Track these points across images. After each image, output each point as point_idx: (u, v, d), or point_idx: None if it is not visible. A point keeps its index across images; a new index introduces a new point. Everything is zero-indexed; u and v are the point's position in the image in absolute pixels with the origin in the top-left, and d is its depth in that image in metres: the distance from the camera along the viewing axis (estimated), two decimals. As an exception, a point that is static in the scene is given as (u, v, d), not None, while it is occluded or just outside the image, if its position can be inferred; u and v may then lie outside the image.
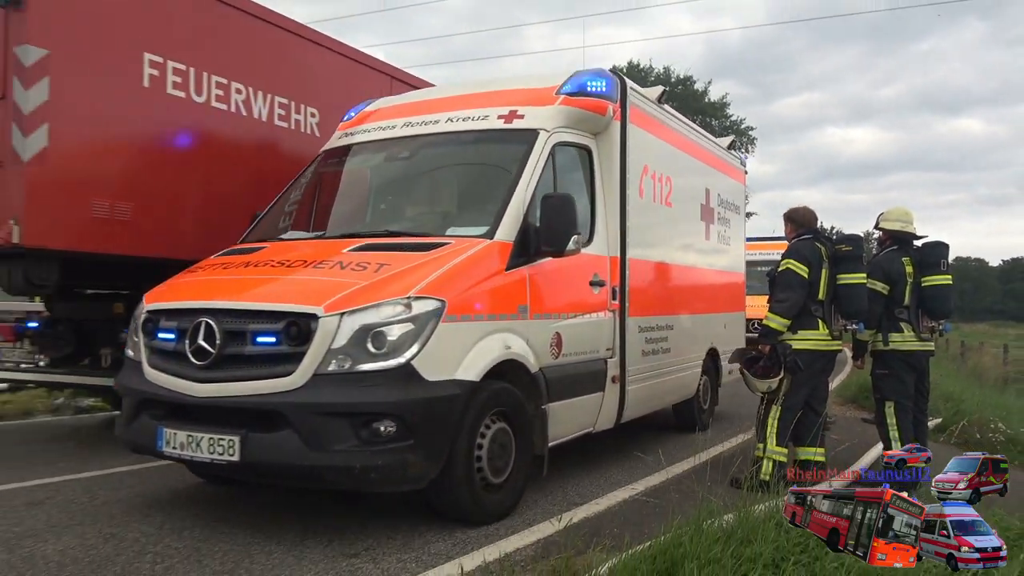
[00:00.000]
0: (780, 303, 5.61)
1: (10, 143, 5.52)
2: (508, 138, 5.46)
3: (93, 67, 5.89)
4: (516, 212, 4.85)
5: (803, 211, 6.04)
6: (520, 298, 4.77)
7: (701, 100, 51.27)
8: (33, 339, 7.45)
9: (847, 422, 8.69)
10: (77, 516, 4.54)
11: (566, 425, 5.23)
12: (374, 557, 3.88)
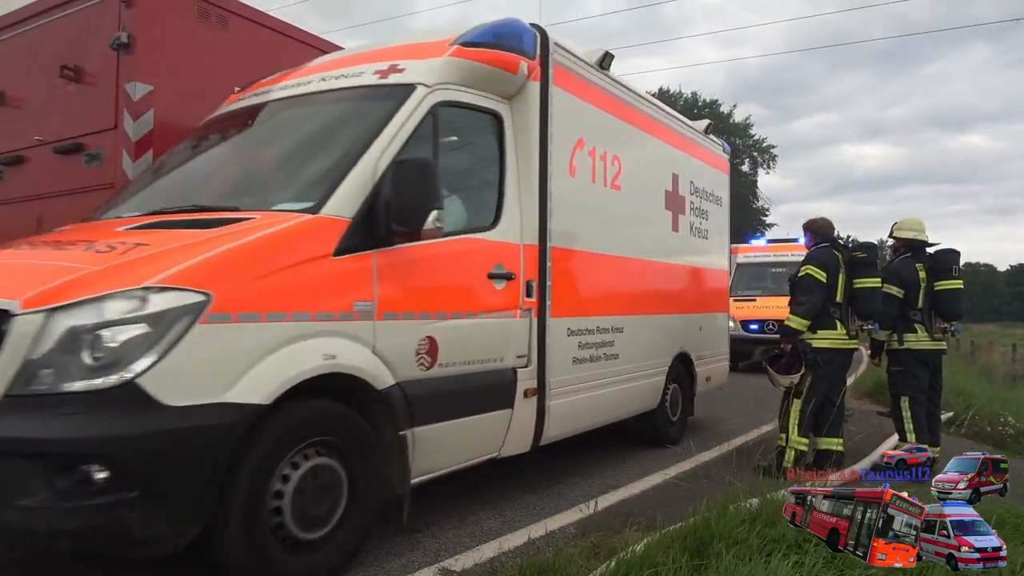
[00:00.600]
0: (800, 305, 5.56)
1: (120, 167, 5.71)
2: (377, 95, 3.98)
3: (191, 101, 6.06)
4: (361, 182, 3.42)
5: (821, 222, 5.99)
6: (359, 292, 3.31)
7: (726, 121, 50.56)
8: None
9: (864, 415, 8.45)
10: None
11: (448, 453, 3.87)
12: (433, 533, 3.90)
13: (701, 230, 7.47)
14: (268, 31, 6.81)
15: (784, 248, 15.51)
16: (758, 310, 14.08)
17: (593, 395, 5.15)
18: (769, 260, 15.42)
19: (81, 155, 6.01)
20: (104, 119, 5.80)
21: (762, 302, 14.21)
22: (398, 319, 3.50)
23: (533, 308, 4.46)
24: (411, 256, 3.57)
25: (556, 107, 4.67)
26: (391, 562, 3.48)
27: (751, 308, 14.22)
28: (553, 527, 4.04)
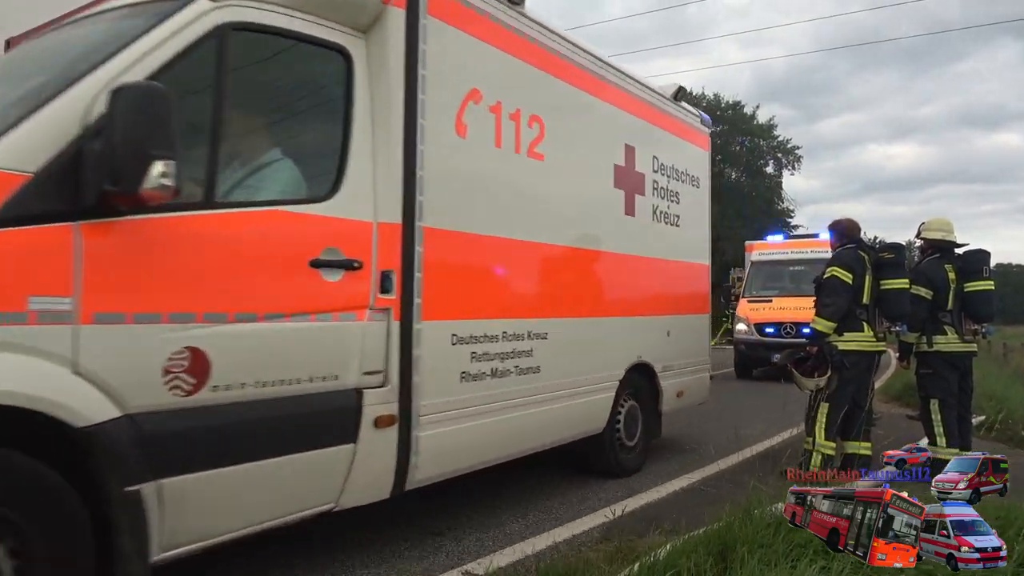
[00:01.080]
0: (826, 307, 5.48)
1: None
2: (138, 13, 2.92)
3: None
4: (58, 120, 2.38)
5: (846, 222, 5.90)
6: (44, 283, 2.26)
7: (750, 123, 50.16)
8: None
9: (892, 419, 8.32)
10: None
11: (233, 512, 2.76)
12: (456, 536, 3.91)
13: (669, 215, 6.23)
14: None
15: (804, 244, 14.31)
16: (774, 312, 13.02)
17: (496, 420, 4.03)
18: (787, 257, 14.23)
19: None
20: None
21: (779, 303, 13.16)
22: (125, 323, 2.43)
23: (392, 308, 3.35)
24: (158, 233, 2.53)
25: (434, 45, 3.62)
26: (413, 565, 3.50)
27: (767, 310, 13.20)
28: (576, 531, 4.03)
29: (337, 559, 3.57)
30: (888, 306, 5.53)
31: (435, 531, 3.97)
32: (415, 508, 4.39)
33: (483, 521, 4.17)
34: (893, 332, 5.77)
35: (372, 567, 3.47)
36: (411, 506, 4.42)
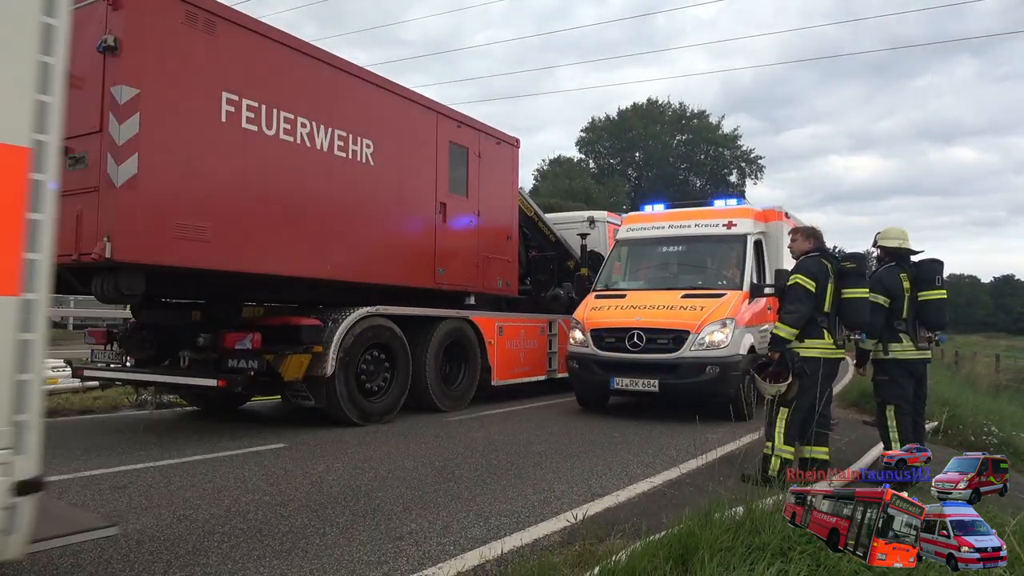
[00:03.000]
0: (789, 314, 5.56)
1: (105, 170, 5.66)
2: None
3: (178, 104, 6.02)
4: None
5: (813, 229, 5.98)
6: None
7: (715, 132, 50.86)
8: (121, 342, 7.61)
9: (849, 424, 8.48)
10: (155, 499, 4.59)
11: None
12: (417, 540, 3.86)
13: None
14: (258, 36, 6.78)
15: (688, 216, 10.31)
16: (623, 313, 8.94)
17: None
18: (663, 234, 10.12)
19: (65, 158, 5.94)
20: (89, 122, 5.76)
21: (636, 299, 9.19)
22: None
23: None
24: None
25: None
26: (373, 570, 3.44)
27: (614, 310, 9.08)
28: (538, 535, 4.00)
29: (295, 564, 3.49)
30: (848, 315, 5.60)
31: (396, 535, 3.92)
32: (375, 511, 4.33)
33: (445, 525, 4.12)
34: (852, 340, 5.85)
35: (331, 572, 3.40)
36: (371, 509, 4.36)
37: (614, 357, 8.68)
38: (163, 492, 4.77)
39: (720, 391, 8.21)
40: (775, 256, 9.69)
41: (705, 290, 9.11)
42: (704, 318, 8.39)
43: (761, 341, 8.51)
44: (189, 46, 6.12)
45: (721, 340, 8.32)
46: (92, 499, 4.54)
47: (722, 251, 9.69)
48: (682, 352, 8.32)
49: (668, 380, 8.31)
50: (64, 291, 8.53)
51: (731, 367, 8.25)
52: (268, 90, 6.77)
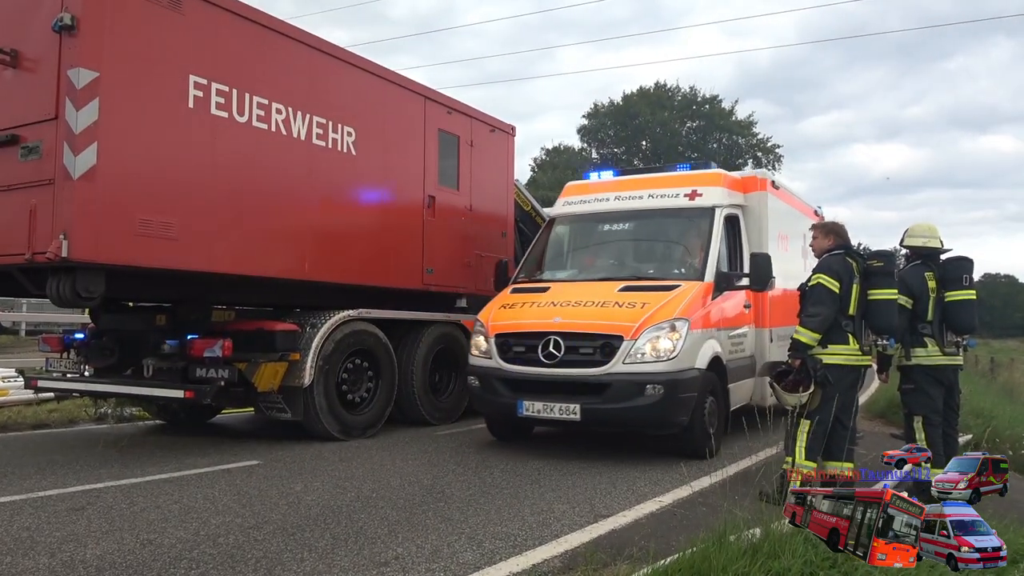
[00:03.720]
0: (811, 318, 5.50)
1: (61, 161, 5.64)
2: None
3: (141, 89, 6.01)
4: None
5: (836, 225, 5.93)
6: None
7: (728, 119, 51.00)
8: (79, 350, 7.58)
9: (876, 437, 8.50)
10: (116, 522, 4.58)
11: None
12: (403, 566, 3.85)
13: None
14: (228, 14, 6.77)
15: (642, 184, 8.50)
16: (541, 312, 7.16)
17: None
18: (606, 208, 8.31)
19: (18, 148, 5.93)
20: (44, 108, 5.75)
21: (561, 294, 7.41)
22: None
23: None
24: None
25: None
26: (356, 599, 3.44)
27: (531, 308, 7.30)
28: (536, 560, 4.00)
29: (269, 592, 3.49)
30: (875, 318, 5.56)
31: (380, 560, 3.91)
32: (358, 534, 4.32)
33: (434, 549, 4.12)
34: (879, 345, 5.81)
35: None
36: (354, 532, 4.36)
37: (523, 373, 6.83)
38: (125, 514, 4.76)
39: (666, 419, 6.57)
40: (757, 237, 8.30)
41: (653, 280, 7.38)
42: (644, 319, 6.59)
43: (734, 348, 7.63)
44: (153, 25, 6.11)
45: (667, 349, 6.54)
46: (47, 522, 4.52)
47: (681, 229, 8.10)
48: (612, 366, 6.51)
49: (593, 405, 6.50)
50: (15, 294, 8.50)
51: (682, 386, 6.49)
52: (240, 73, 6.76)
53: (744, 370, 7.88)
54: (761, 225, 8.39)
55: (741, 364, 7.81)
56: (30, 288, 6.49)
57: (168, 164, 6.21)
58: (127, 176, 5.91)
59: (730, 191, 8.21)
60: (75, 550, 4.01)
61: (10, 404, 9.22)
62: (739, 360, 7.76)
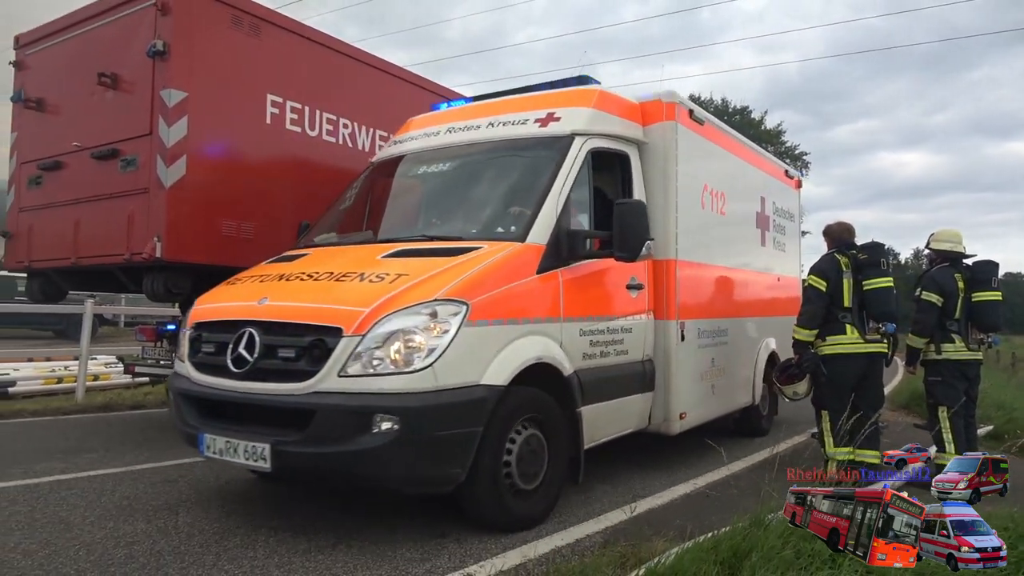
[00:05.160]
0: (800, 316, 5.65)
1: (155, 172, 5.81)
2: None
3: (224, 107, 6.14)
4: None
5: (835, 227, 5.95)
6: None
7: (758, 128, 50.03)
8: (170, 339, 7.80)
9: (900, 427, 8.23)
10: (204, 493, 4.69)
11: None
12: (459, 538, 3.86)
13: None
14: (301, 39, 6.88)
15: (487, 111, 5.57)
16: (249, 291, 4.32)
17: None
18: (433, 145, 5.50)
19: (117, 160, 6.12)
20: (139, 125, 5.92)
21: (308, 264, 4.56)
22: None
23: None
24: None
25: None
26: (416, 567, 3.46)
27: (244, 286, 4.49)
28: (579, 535, 3.98)
29: (339, 560, 3.53)
30: (872, 305, 5.55)
31: (438, 532, 3.93)
32: (417, 510, 4.35)
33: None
34: (881, 332, 5.70)
35: (374, 568, 3.42)
36: (413, 508, 4.38)
37: (207, 387, 4.08)
38: (212, 486, 4.87)
39: (413, 474, 3.65)
40: (661, 188, 5.48)
41: (448, 242, 4.46)
42: (382, 300, 3.70)
43: (601, 349, 4.79)
44: (235, 49, 6.24)
45: (418, 349, 3.62)
46: (144, 491, 4.66)
47: (518, 167, 5.06)
48: (321, 379, 3.62)
49: (290, 447, 3.61)
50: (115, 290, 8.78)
51: (441, 417, 3.58)
52: (311, 92, 6.86)
53: (623, 382, 5.01)
54: (667, 170, 5.50)
55: (615, 374, 4.89)
56: (128, 285, 6.71)
57: (247, 174, 6.33)
58: (212, 185, 6.05)
59: (607, 115, 5.23)
60: (168, 517, 4.13)
61: (112, 387, 9.55)
62: (611, 367, 4.85)
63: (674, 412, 5.44)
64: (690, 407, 5.66)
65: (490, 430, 3.78)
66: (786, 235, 8.52)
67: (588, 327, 4.69)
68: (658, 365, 5.40)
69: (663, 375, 5.41)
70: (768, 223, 7.93)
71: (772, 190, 8.11)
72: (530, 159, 5.00)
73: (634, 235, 4.55)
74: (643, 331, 5.28)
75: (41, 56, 6.92)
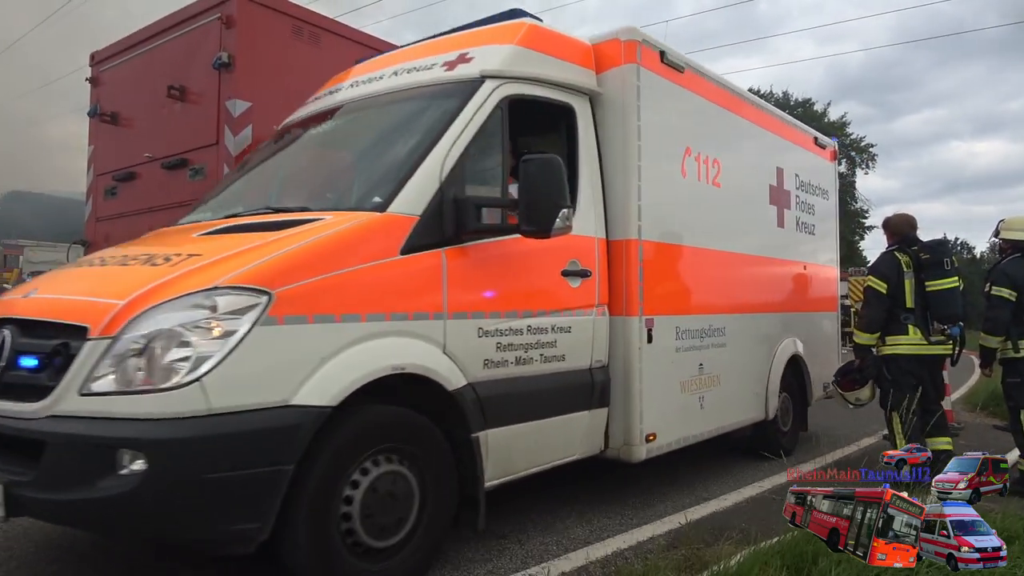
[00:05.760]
0: (861, 319, 5.55)
1: (222, 180, 6.01)
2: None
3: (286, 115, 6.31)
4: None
5: (896, 219, 5.77)
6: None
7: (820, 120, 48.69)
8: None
9: (978, 429, 7.90)
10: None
11: None
12: (520, 539, 3.88)
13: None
14: (359, 46, 7.02)
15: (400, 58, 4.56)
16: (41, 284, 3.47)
17: None
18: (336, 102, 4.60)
19: (186, 170, 6.37)
20: (207, 136, 6.15)
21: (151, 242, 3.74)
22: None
23: None
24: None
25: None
26: (477, 567, 3.49)
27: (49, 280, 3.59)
28: (642, 537, 3.95)
29: (402, 558, 3.58)
30: (936, 308, 5.36)
31: (499, 534, 3.95)
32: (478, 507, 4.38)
33: (547, 525, 4.13)
34: (945, 334, 5.46)
35: (435, 568, 3.47)
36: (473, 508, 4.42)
37: None
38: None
39: (180, 531, 2.69)
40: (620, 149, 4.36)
41: (287, 214, 3.51)
42: (150, 287, 2.78)
43: (517, 353, 3.67)
44: (296, 58, 6.42)
45: (184, 357, 2.60)
46: None
47: (408, 122, 3.95)
48: (58, 397, 2.68)
49: (22, 490, 2.70)
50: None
51: (212, 456, 2.56)
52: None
53: (556, 397, 3.89)
54: (627, 125, 4.34)
55: (542, 386, 3.79)
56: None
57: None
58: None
59: (538, 56, 4.11)
60: None
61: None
62: (535, 378, 3.76)
63: (636, 433, 4.25)
64: (662, 426, 4.47)
65: (311, 469, 2.74)
66: (816, 216, 7.07)
67: (493, 325, 3.52)
68: (615, 374, 4.25)
69: (621, 386, 4.25)
70: (788, 200, 6.50)
71: (794, 160, 6.70)
72: (424, 109, 3.88)
73: (544, 202, 3.38)
74: (589, 331, 4.10)
75: (114, 72, 7.26)
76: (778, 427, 6.10)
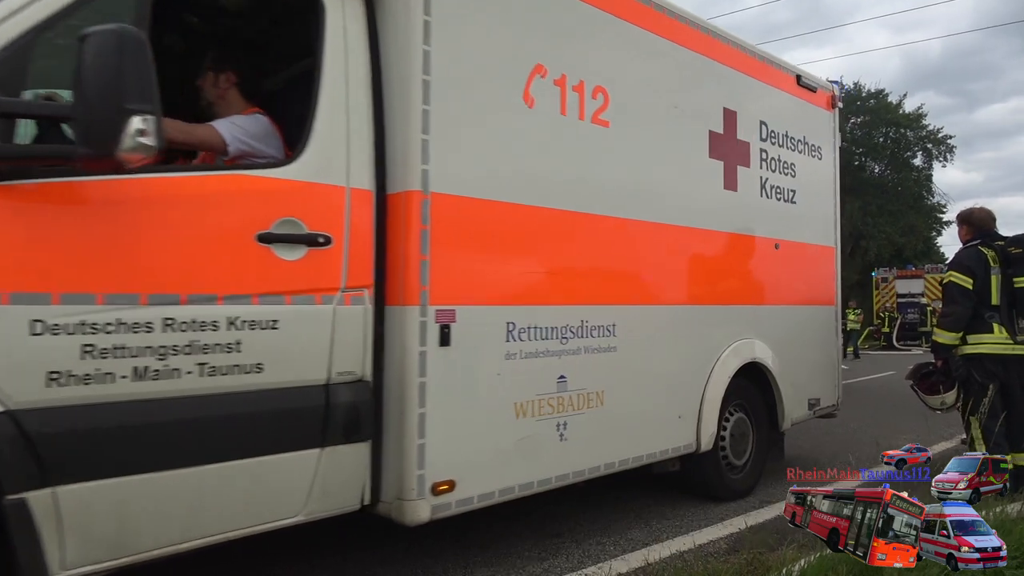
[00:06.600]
0: (945, 317, 5.19)
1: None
2: None
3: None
4: None
5: (978, 212, 5.42)
6: None
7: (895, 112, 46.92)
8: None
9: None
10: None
11: None
12: (576, 539, 3.89)
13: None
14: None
15: None
16: None
17: None
18: None
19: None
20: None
21: None
22: None
23: None
24: None
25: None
26: (534, 565, 3.51)
27: None
28: (702, 540, 3.90)
29: (459, 555, 3.64)
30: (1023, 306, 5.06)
31: (555, 533, 3.97)
32: (535, 510, 4.40)
33: (604, 526, 4.12)
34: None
35: (492, 565, 3.51)
36: (530, 508, 4.44)
37: None
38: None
39: None
40: (399, 51, 2.99)
41: None
42: None
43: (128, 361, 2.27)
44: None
45: None
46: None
47: None
48: None
49: None
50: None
51: None
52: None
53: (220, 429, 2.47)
54: (409, 24, 2.97)
55: (200, 413, 2.41)
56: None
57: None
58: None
59: None
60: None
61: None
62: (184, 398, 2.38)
63: (411, 481, 2.87)
64: (470, 470, 3.10)
65: None
66: (798, 179, 5.47)
67: (75, 316, 2.16)
68: (389, 391, 2.94)
69: (397, 410, 2.92)
70: (744, 154, 4.90)
71: (758, 102, 5.13)
72: None
73: (98, 100, 1.99)
74: (326, 328, 2.76)
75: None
76: (720, 460, 4.71)
